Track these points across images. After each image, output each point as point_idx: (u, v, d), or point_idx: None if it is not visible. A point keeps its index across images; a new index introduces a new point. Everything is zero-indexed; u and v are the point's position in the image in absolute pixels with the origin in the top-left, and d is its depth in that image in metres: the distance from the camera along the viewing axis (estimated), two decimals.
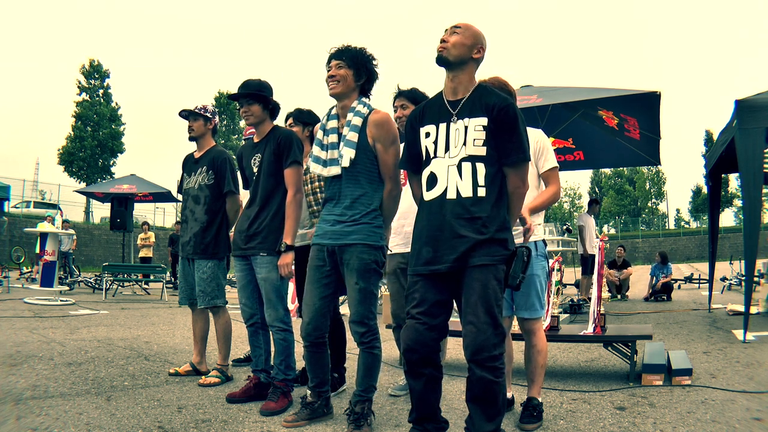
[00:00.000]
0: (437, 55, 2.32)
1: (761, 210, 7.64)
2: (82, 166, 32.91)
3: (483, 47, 2.35)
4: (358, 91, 2.75)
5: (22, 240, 21.35)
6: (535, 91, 7.52)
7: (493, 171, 2.26)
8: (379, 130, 2.67)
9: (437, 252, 2.25)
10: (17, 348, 4.76)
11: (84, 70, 33.83)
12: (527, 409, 2.84)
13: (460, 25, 2.34)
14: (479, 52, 2.33)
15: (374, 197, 2.72)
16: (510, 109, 2.24)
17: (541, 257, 2.96)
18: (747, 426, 2.71)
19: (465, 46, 2.30)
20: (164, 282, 11.38)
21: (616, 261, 11.19)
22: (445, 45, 2.30)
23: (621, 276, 10.95)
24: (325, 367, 2.85)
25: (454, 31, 2.32)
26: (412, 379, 2.32)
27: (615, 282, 10.89)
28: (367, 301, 2.67)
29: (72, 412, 2.93)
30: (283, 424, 2.77)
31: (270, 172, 3.20)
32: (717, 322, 6.72)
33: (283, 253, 3.08)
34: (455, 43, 2.30)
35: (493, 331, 2.14)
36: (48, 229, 9.95)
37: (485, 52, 2.36)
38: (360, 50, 2.73)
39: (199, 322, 3.93)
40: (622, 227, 50.10)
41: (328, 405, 2.89)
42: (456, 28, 2.34)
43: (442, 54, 2.31)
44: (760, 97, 5.19)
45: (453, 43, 2.30)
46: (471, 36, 2.32)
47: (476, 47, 2.32)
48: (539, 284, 2.93)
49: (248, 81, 3.32)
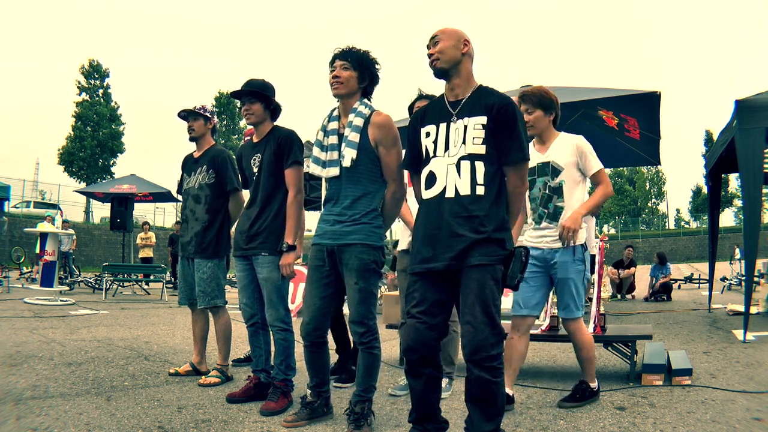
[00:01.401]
0: (433, 70, 2.36)
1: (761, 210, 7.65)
2: (82, 166, 32.92)
3: (467, 40, 2.38)
4: (360, 93, 2.76)
5: (22, 240, 21.35)
6: None
7: (493, 170, 2.27)
8: (381, 132, 2.67)
9: (435, 251, 2.26)
10: (17, 348, 4.76)
11: (84, 70, 33.85)
12: (573, 390, 3.15)
13: (437, 33, 2.38)
14: (466, 46, 2.36)
15: (375, 198, 2.72)
16: (509, 108, 2.25)
17: (578, 261, 3.02)
18: (747, 426, 2.70)
19: (451, 47, 2.33)
20: (164, 282, 11.38)
21: (623, 261, 11.21)
22: (435, 57, 2.34)
23: (622, 275, 10.97)
24: (324, 367, 2.84)
25: (435, 42, 2.36)
26: (412, 379, 2.32)
27: (616, 280, 10.91)
28: (367, 302, 2.67)
29: (72, 412, 2.93)
30: (283, 424, 2.77)
31: (270, 172, 3.20)
32: (717, 322, 6.72)
33: (285, 253, 3.08)
34: (441, 49, 2.33)
35: (491, 331, 2.14)
36: (48, 229, 9.95)
37: (471, 43, 2.39)
38: (365, 53, 2.74)
39: (199, 322, 3.93)
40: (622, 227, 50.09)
41: (327, 404, 2.89)
42: (434, 38, 2.37)
43: (436, 66, 2.34)
44: (760, 97, 5.19)
45: (440, 50, 2.33)
46: (451, 36, 2.35)
47: (461, 43, 2.35)
48: (573, 287, 3.03)
49: (252, 80, 3.32)
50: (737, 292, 10.69)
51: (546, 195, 3.08)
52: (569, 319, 3.09)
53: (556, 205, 3.05)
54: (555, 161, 3.07)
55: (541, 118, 3.06)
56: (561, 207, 3.03)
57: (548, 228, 3.05)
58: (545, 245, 3.05)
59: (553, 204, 3.05)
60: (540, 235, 3.08)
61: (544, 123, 3.08)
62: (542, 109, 3.05)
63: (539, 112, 3.05)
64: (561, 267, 3.01)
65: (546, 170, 3.09)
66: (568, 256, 3.00)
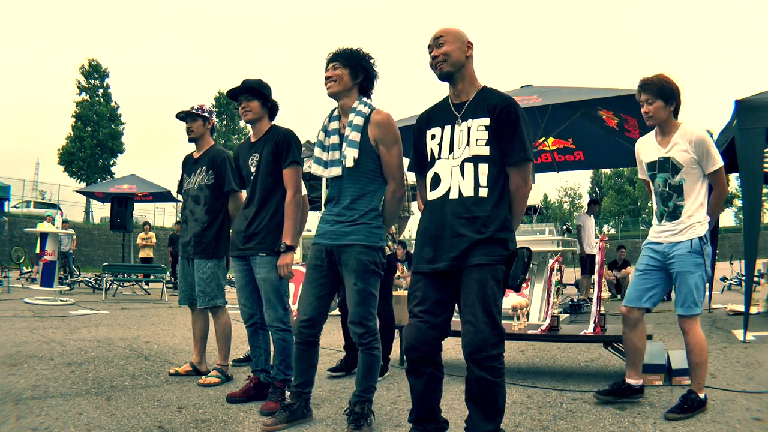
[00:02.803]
0: (438, 73, 2.36)
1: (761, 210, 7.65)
2: (82, 166, 32.91)
3: (470, 42, 2.38)
4: (357, 90, 2.75)
5: (22, 240, 21.36)
6: (535, 91, 7.51)
7: (496, 171, 2.27)
8: (380, 131, 2.67)
9: (438, 251, 2.26)
10: (17, 348, 4.76)
11: (83, 70, 33.83)
12: (681, 399, 2.93)
13: (440, 33, 2.36)
14: (469, 48, 2.37)
15: (375, 197, 2.71)
16: (511, 108, 2.25)
17: (696, 254, 2.93)
18: (747, 426, 2.71)
19: (456, 50, 2.33)
20: (164, 282, 11.38)
21: (616, 261, 11.19)
22: (440, 60, 2.33)
23: (619, 275, 10.97)
24: (311, 368, 2.82)
25: (440, 43, 2.34)
26: (412, 378, 2.32)
27: (613, 281, 10.91)
28: (366, 302, 2.67)
29: (72, 412, 2.93)
30: (263, 428, 2.73)
31: (268, 171, 3.19)
32: (717, 322, 6.72)
33: (283, 254, 3.07)
34: (447, 52, 2.32)
35: (491, 330, 2.14)
36: (48, 229, 9.95)
37: (473, 44, 2.39)
38: (355, 50, 2.75)
39: (199, 322, 3.93)
40: (622, 227, 50.08)
41: (307, 407, 2.86)
42: (438, 39, 2.36)
43: (442, 69, 2.34)
44: (760, 97, 5.19)
45: (445, 53, 2.32)
46: (456, 38, 2.35)
47: (465, 45, 2.36)
48: (692, 281, 2.92)
49: (248, 79, 3.32)
50: (737, 292, 10.69)
51: (666, 193, 3.03)
52: (684, 317, 2.95)
53: (676, 204, 3.00)
54: (675, 158, 2.98)
55: (661, 109, 2.96)
56: (681, 206, 2.98)
57: (668, 224, 3.02)
58: (665, 239, 3.02)
59: (673, 203, 3.01)
60: (661, 230, 3.05)
61: (664, 114, 2.97)
62: (663, 100, 2.95)
63: (659, 103, 2.95)
64: (678, 260, 2.95)
65: (666, 166, 3.02)
66: (686, 248, 2.93)
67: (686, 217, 2.95)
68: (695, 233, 2.93)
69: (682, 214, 2.97)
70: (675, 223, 2.98)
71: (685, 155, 2.94)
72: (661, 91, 2.95)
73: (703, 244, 2.93)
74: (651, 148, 3.09)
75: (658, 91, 2.95)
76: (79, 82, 33.93)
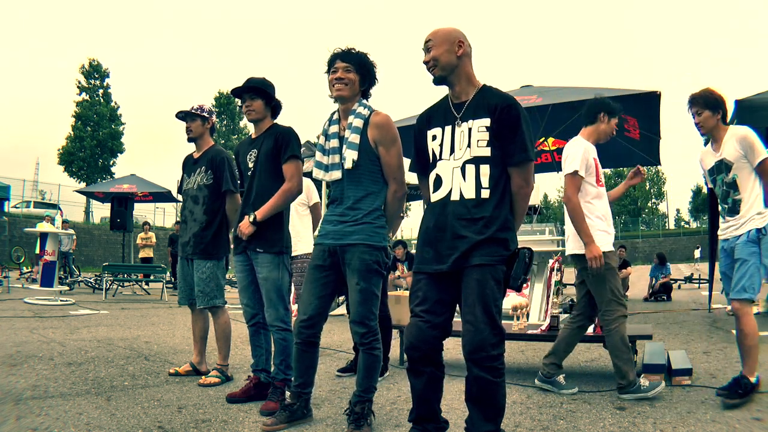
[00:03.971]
0: (432, 78, 2.35)
1: None
2: (82, 166, 32.92)
3: (461, 40, 2.33)
4: (360, 95, 2.76)
5: (22, 240, 21.36)
6: (535, 91, 7.52)
7: (498, 172, 2.26)
8: (380, 132, 2.67)
9: (439, 252, 2.27)
10: (17, 348, 4.76)
11: (84, 70, 33.84)
12: (732, 384, 3.09)
13: (429, 37, 2.35)
14: (461, 47, 2.32)
15: (377, 198, 2.72)
16: (512, 108, 2.24)
17: (751, 244, 3.12)
18: (747, 426, 2.71)
19: (445, 53, 2.30)
20: (164, 282, 11.38)
21: None
22: (430, 65, 2.32)
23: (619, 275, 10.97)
24: (311, 368, 2.81)
25: (428, 48, 2.34)
26: (413, 378, 2.32)
27: None
28: (368, 302, 2.67)
29: (72, 412, 2.93)
30: (263, 428, 2.73)
31: (267, 168, 3.18)
32: (717, 322, 6.72)
33: (249, 222, 3.09)
34: (435, 56, 2.31)
35: (491, 330, 2.14)
36: (48, 229, 9.96)
37: (467, 42, 2.35)
38: (366, 56, 2.74)
39: (199, 322, 3.93)
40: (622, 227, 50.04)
41: (307, 407, 2.86)
42: (427, 42, 2.35)
43: (435, 74, 2.33)
44: (760, 97, 5.19)
45: (433, 57, 2.31)
46: (444, 40, 2.31)
47: (455, 45, 2.31)
48: (745, 267, 3.11)
49: (252, 78, 3.32)
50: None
51: (724, 191, 3.27)
52: (737, 300, 3.13)
53: (734, 198, 3.23)
54: (726, 158, 3.23)
55: (708, 118, 3.23)
56: (739, 200, 3.20)
57: (731, 219, 3.25)
58: (729, 234, 3.26)
59: (731, 198, 3.24)
60: (726, 226, 3.29)
61: (712, 122, 3.24)
62: (709, 109, 3.21)
63: (707, 113, 3.22)
64: (737, 249, 3.17)
65: (721, 168, 3.27)
66: (744, 238, 3.15)
67: (745, 211, 3.16)
68: (754, 225, 3.13)
69: (741, 208, 3.19)
70: (736, 218, 3.21)
71: (734, 152, 3.18)
72: (707, 102, 3.22)
73: (761, 235, 3.12)
74: (709, 156, 3.37)
75: (704, 103, 3.22)
76: (79, 82, 33.95)
